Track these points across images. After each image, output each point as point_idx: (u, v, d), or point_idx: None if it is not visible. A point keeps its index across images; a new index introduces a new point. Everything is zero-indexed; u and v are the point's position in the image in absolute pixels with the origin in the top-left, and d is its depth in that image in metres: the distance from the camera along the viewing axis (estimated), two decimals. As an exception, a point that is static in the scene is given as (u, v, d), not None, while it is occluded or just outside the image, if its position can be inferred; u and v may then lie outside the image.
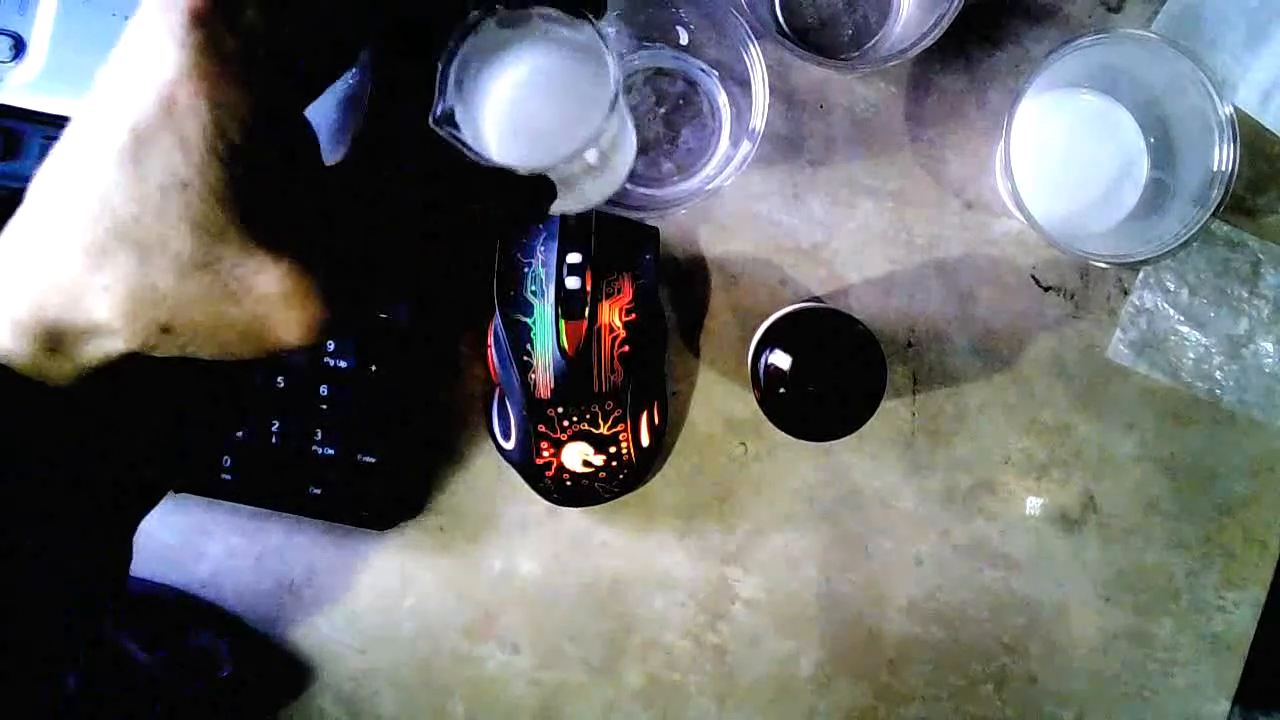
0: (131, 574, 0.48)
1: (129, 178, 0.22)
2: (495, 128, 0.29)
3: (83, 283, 0.23)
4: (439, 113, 0.27)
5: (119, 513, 0.28)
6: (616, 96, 0.28)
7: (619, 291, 0.44)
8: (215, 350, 0.25)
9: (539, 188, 0.30)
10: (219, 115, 0.22)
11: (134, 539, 0.30)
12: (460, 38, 0.27)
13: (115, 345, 0.24)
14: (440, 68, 0.27)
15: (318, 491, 0.45)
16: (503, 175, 0.28)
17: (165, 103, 0.22)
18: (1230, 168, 0.41)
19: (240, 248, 0.23)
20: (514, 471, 0.46)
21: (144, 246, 0.23)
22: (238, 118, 0.23)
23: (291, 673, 0.48)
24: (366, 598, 0.48)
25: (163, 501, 0.30)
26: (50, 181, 0.24)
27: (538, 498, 0.46)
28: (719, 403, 0.48)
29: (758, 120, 0.42)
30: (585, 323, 0.43)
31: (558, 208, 0.33)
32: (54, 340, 0.24)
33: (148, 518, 0.30)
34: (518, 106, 0.29)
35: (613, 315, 0.44)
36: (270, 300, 0.24)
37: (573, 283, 0.43)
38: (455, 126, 0.27)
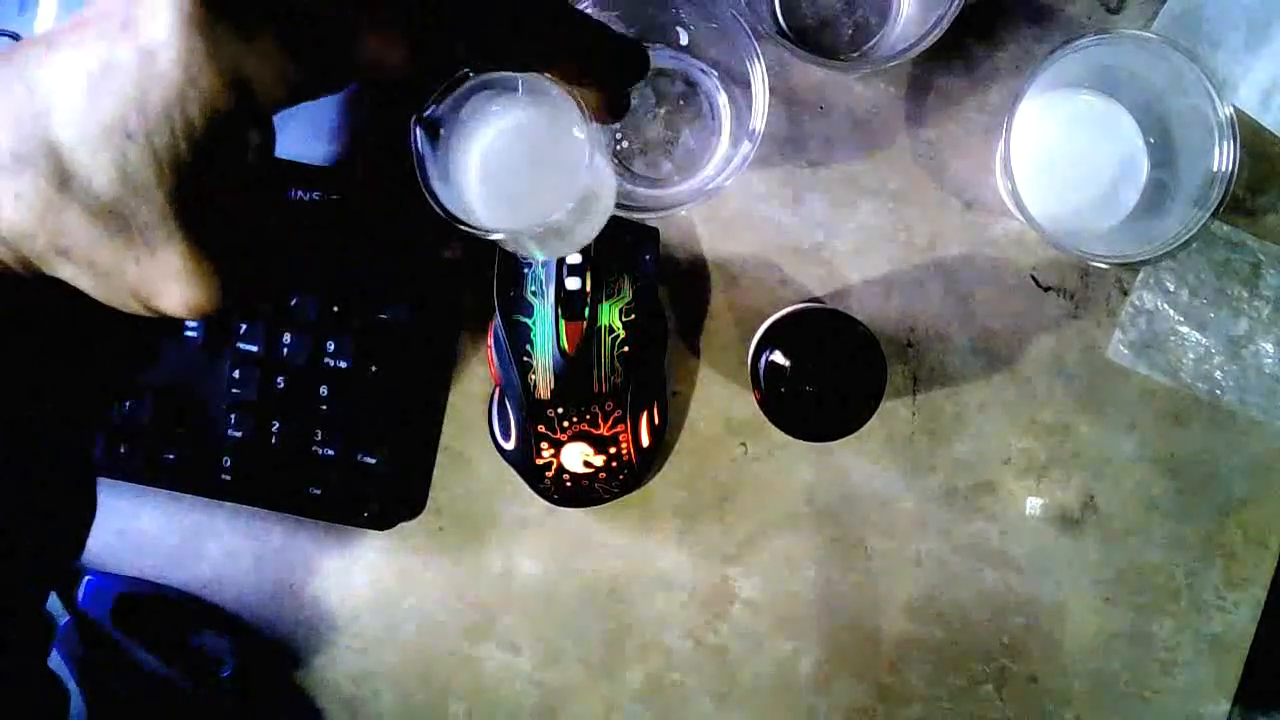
0: (132, 574, 0.49)
1: (78, 107, 0.22)
2: (475, 188, 0.29)
3: None
4: (425, 114, 0.27)
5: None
6: (590, 185, 0.28)
7: (619, 292, 0.44)
8: (99, 291, 0.25)
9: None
10: (189, 93, 0.22)
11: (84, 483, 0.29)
12: (443, 94, 0.27)
13: (5, 253, 0.24)
14: (436, 92, 0.27)
15: (318, 491, 0.45)
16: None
17: (144, 56, 0.22)
18: (1230, 168, 0.41)
19: (158, 214, 0.23)
20: (514, 471, 0.46)
21: (67, 173, 0.23)
22: (206, 103, 0.23)
23: (291, 673, 0.48)
24: (366, 598, 0.48)
25: (163, 502, 0.30)
26: (1, 70, 0.23)
27: (538, 498, 0.46)
28: (719, 403, 0.48)
29: (758, 120, 0.42)
30: (585, 323, 0.43)
31: (549, 253, 0.33)
32: None
33: (147, 518, 0.30)
34: (496, 167, 0.29)
35: (613, 315, 0.44)
36: (166, 270, 0.24)
37: (573, 283, 0.43)
38: (434, 139, 0.27)
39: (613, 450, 0.45)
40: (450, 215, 0.27)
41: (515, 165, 0.29)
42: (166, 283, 0.24)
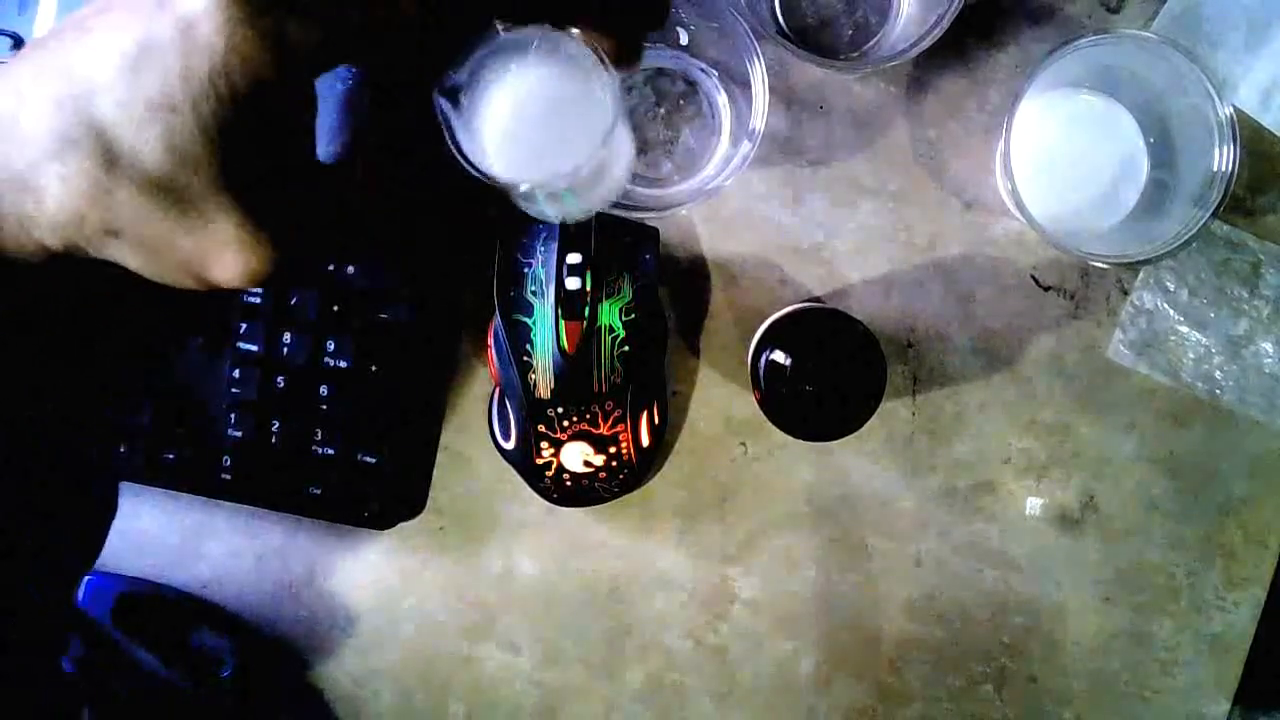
0: (132, 574, 0.49)
1: (122, 86, 0.22)
2: (494, 140, 0.29)
3: (41, 167, 0.23)
4: (445, 83, 0.27)
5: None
6: (614, 123, 0.28)
7: (619, 291, 0.44)
8: (153, 269, 0.25)
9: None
10: (233, 59, 0.22)
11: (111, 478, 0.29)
12: (471, 48, 0.28)
13: (56, 239, 0.24)
14: (451, 71, 0.28)
15: (318, 491, 0.45)
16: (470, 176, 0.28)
17: (184, 28, 0.22)
18: (1230, 168, 0.41)
19: (209, 184, 0.23)
20: (514, 471, 0.46)
21: (114, 153, 0.23)
22: (251, 67, 0.23)
23: (292, 673, 0.48)
24: (366, 598, 0.48)
25: (163, 502, 0.30)
26: (35, 60, 0.23)
27: (538, 498, 0.46)
28: (719, 403, 0.48)
29: (758, 120, 0.42)
30: (585, 323, 0.43)
31: (571, 211, 0.33)
32: None
33: (147, 518, 0.30)
34: (518, 121, 0.29)
35: (613, 315, 0.44)
36: (220, 241, 0.24)
37: (573, 283, 0.43)
38: (455, 106, 0.27)
39: (613, 450, 0.45)
40: (479, 171, 0.28)
41: (537, 120, 0.30)
42: (221, 252, 0.24)
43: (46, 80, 0.23)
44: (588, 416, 0.44)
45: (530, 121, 0.30)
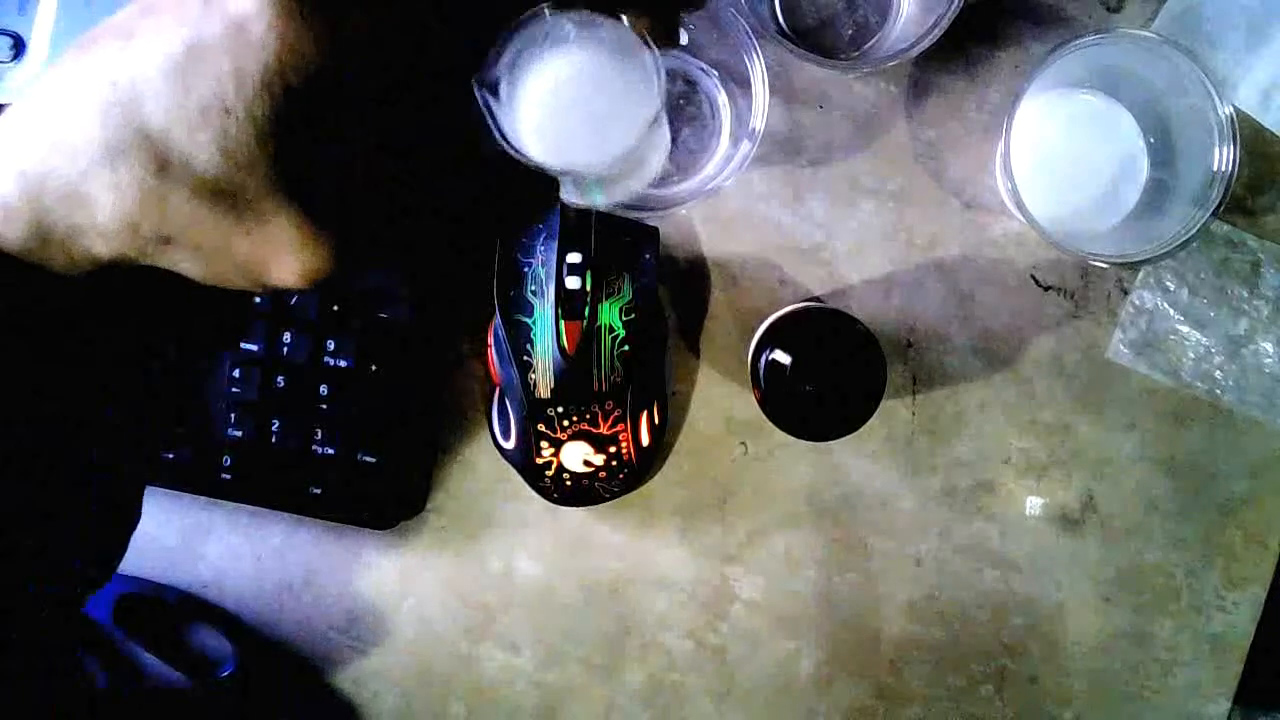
0: (132, 574, 0.49)
1: (171, 90, 0.22)
2: (538, 126, 0.29)
3: (89, 176, 0.22)
4: (485, 76, 0.27)
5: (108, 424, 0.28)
6: (662, 103, 0.28)
7: (619, 291, 0.44)
8: (208, 274, 0.25)
9: (552, 182, 0.30)
10: (287, 57, 0.22)
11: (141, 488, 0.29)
12: (513, 31, 0.28)
13: (108, 249, 0.23)
14: (493, 50, 0.27)
15: (318, 491, 0.45)
16: (517, 164, 0.28)
17: (234, 29, 0.22)
18: (1230, 168, 0.41)
19: (266, 185, 0.23)
20: (514, 471, 0.46)
21: (165, 159, 0.22)
22: (304, 67, 0.22)
23: (292, 673, 0.48)
24: (366, 598, 0.48)
25: (163, 502, 0.30)
26: (77, 68, 0.23)
27: (538, 498, 0.46)
28: (719, 403, 0.48)
29: (758, 120, 0.42)
30: (585, 322, 0.43)
31: (613, 194, 0.33)
32: (43, 229, 0.23)
33: (147, 518, 0.30)
34: (561, 106, 0.29)
35: (613, 315, 0.44)
36: (279, 241, 0.24)
37: (573, 283, 0.43)
38: (495, 97, 0.27)
39: (613, 450, 0.45)
40: (526, 158, 0.28)
41: (579, 105, 0.30)
42: (279, 254, 0.24)
43: (91, 88, 0.22)
44: (588, 416, 0.44)
45: (574, 106, 0.29)
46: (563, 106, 0.29)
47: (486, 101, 0.27)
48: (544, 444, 0.44)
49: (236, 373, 0.45)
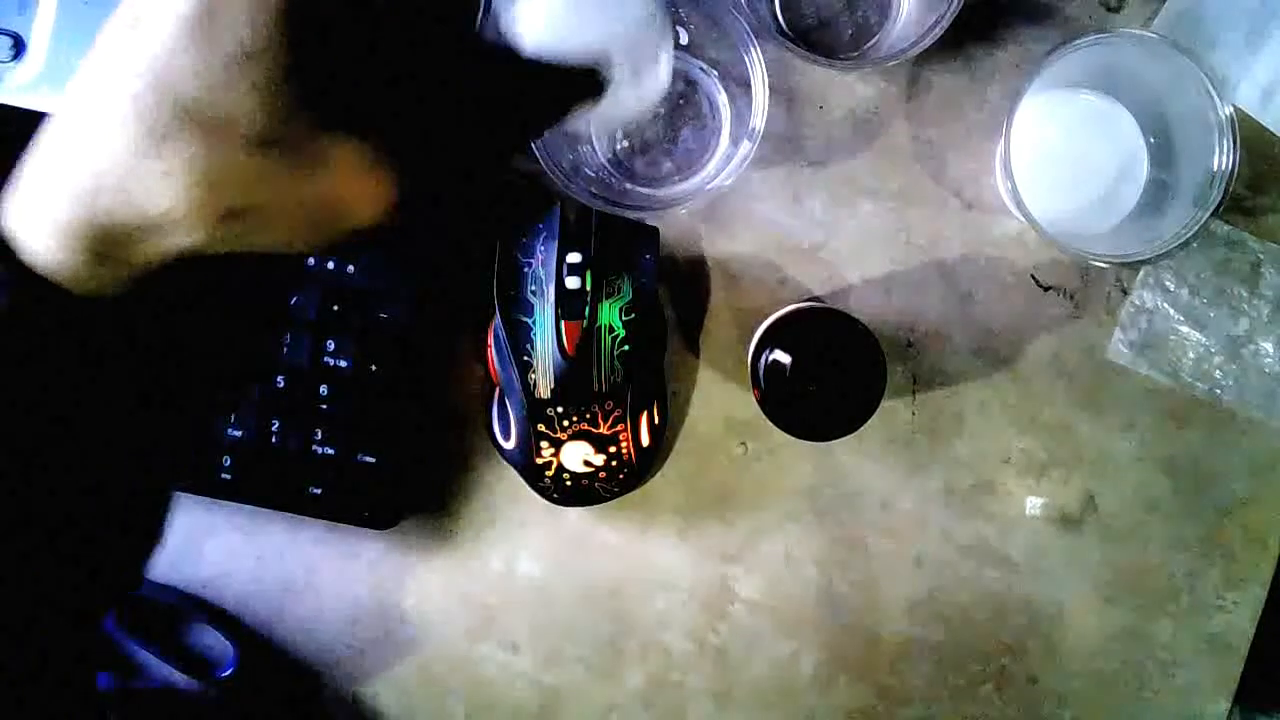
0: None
1: (195, 53, 0.22)
2: (543, 9, 0.29)
3: (139, 171, 0.22)
4: None
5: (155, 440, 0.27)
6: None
7: (619, 291, 0.44)
8: (281, 235, 0.24)
9: (592, 74, 0.30)
10: None
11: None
12: None
13: (176, 240, 0.23)
14: None
15: (318, 491, 0.45)
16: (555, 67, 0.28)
17: None
18: (1230, 168, 0.41)
19: (309, 122, 0.23)
20: (514, 471, 0.46)
21: (208, 126, 0.22)
22: None
23: (292, 673, 0.48)
24: (366, 598, 0.48)
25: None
26: (94, 71, 0.22)
27: (538, 498, 0.46)
28: (719, 403, 0.48)
29: (758, 120, 0.42)
30: (585, 322, 0.43)
31: (594, 117, 0.33)
32: (105, 242, 0.23)
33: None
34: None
35: (613, 315, 0.44)
36: (342, 175, 0.23)
37: (573, 283, 0.43)
38: None
39: (613, 449, 0.45)
40: (535, 45, 0.28)
41: None
42: (348, 187, 0.24)
43: (114, 84, 0.22)
44: (588, 416, 0.44)
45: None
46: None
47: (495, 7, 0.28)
48: (544, 444, 0.44)
49: (236, 373, 0.45)
